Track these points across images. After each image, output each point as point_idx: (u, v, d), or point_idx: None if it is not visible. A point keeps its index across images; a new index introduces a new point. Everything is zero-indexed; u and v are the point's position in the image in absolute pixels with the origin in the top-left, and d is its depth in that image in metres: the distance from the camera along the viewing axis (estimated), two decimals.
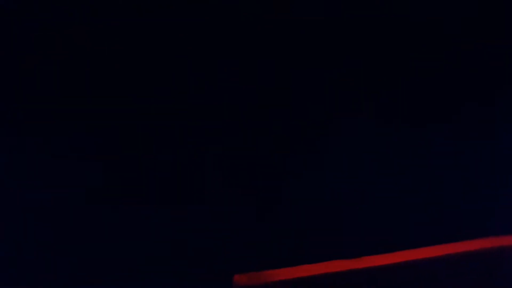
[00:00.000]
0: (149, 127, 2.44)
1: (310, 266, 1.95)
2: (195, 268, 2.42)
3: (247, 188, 2.48)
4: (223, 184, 2.48)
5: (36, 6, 2.33)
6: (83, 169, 2.41)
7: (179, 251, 2.43)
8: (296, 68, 2.50)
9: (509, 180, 2.52)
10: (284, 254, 2.42)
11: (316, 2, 2.50)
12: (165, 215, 2.42)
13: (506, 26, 2.54)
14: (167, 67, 2.46)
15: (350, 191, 2.51)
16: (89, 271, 2.39)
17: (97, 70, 2.41)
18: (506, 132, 2.53)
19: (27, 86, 2.38)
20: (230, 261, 2.38)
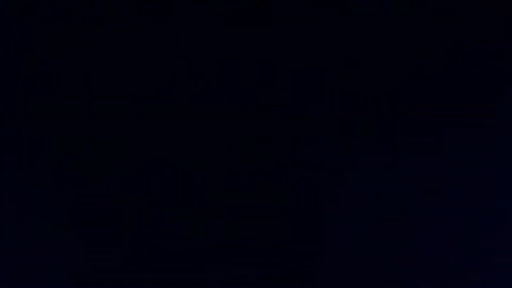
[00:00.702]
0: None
1: None
2: None
3: None
4: None
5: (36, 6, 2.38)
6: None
7: None
8: (296, 68, 2.52)
9: (509, 179, 2.51)
10: None
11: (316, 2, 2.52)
12: None
13: (506, 26, 2.53)
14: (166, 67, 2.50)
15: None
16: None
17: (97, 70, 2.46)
18: (506, 132, 2.52)
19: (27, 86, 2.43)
20: None
